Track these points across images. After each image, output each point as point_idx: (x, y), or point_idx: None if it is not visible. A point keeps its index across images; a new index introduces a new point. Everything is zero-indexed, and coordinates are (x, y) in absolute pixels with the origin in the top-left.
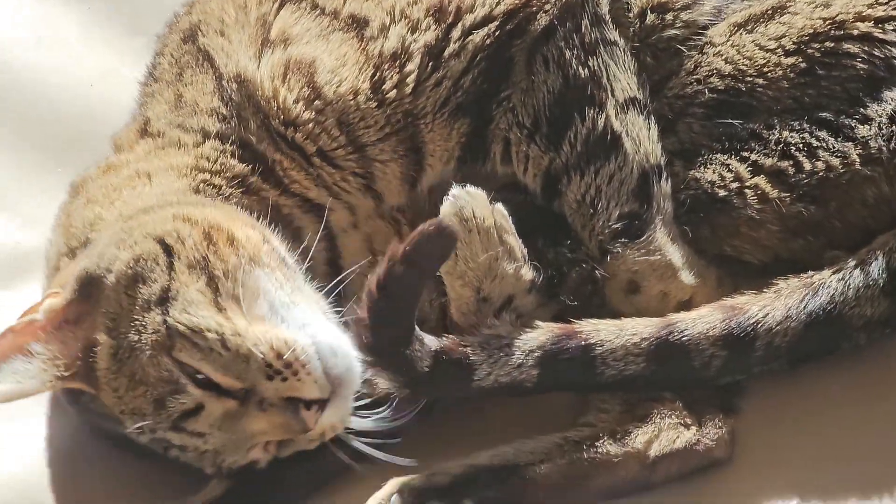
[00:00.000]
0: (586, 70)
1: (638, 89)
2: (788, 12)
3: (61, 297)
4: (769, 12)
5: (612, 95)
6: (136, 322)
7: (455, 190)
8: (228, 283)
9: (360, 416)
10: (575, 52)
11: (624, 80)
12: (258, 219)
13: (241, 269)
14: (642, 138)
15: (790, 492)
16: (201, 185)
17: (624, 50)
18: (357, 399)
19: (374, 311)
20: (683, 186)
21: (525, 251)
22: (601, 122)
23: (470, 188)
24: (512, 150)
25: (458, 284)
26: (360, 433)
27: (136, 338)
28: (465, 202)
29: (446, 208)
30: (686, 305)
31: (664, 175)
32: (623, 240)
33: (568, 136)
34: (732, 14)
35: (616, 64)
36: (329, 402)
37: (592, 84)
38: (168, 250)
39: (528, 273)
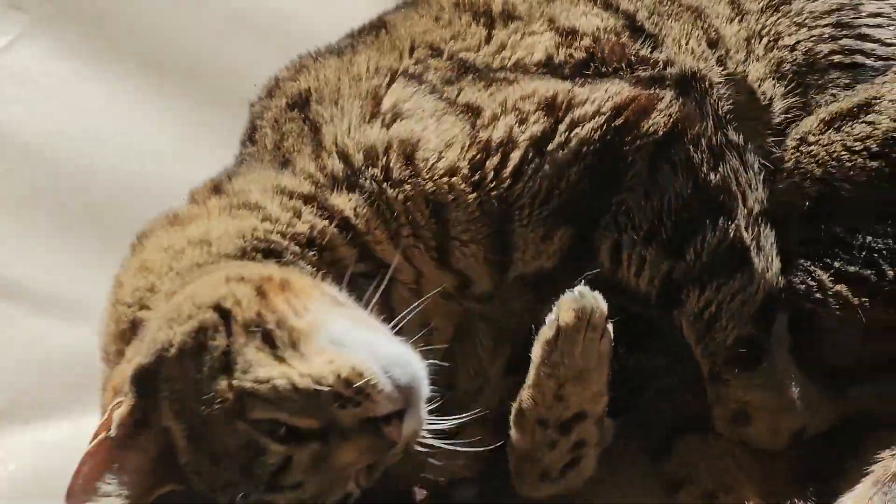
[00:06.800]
0: (717, 176)
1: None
2: (874, 111)
3: (125, 404)
4: (854, 110)
5: (744, 205)
6: (204, 394)
7: (585, 289)
8: (283, 333)
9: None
10: (704, 156)
11: (756, 188)
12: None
13: (292, 314)
14: (772, 257)
15: None
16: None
17: (753, 153)
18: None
19: None
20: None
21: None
22: (731, 233)
23: (599, 295)
24: (623, 252)
25: (546, 373)
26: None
27: (207, 410)
28: (591, 305)
29: (567, 301)
30: (798, 436)
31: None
32: (736, 368)
33: (694, 244)
34: (820, 109)
35: (746, 171)
36: (406, 411)
37: (723, 191)
38: (225, 315)
39: (605, 402)
